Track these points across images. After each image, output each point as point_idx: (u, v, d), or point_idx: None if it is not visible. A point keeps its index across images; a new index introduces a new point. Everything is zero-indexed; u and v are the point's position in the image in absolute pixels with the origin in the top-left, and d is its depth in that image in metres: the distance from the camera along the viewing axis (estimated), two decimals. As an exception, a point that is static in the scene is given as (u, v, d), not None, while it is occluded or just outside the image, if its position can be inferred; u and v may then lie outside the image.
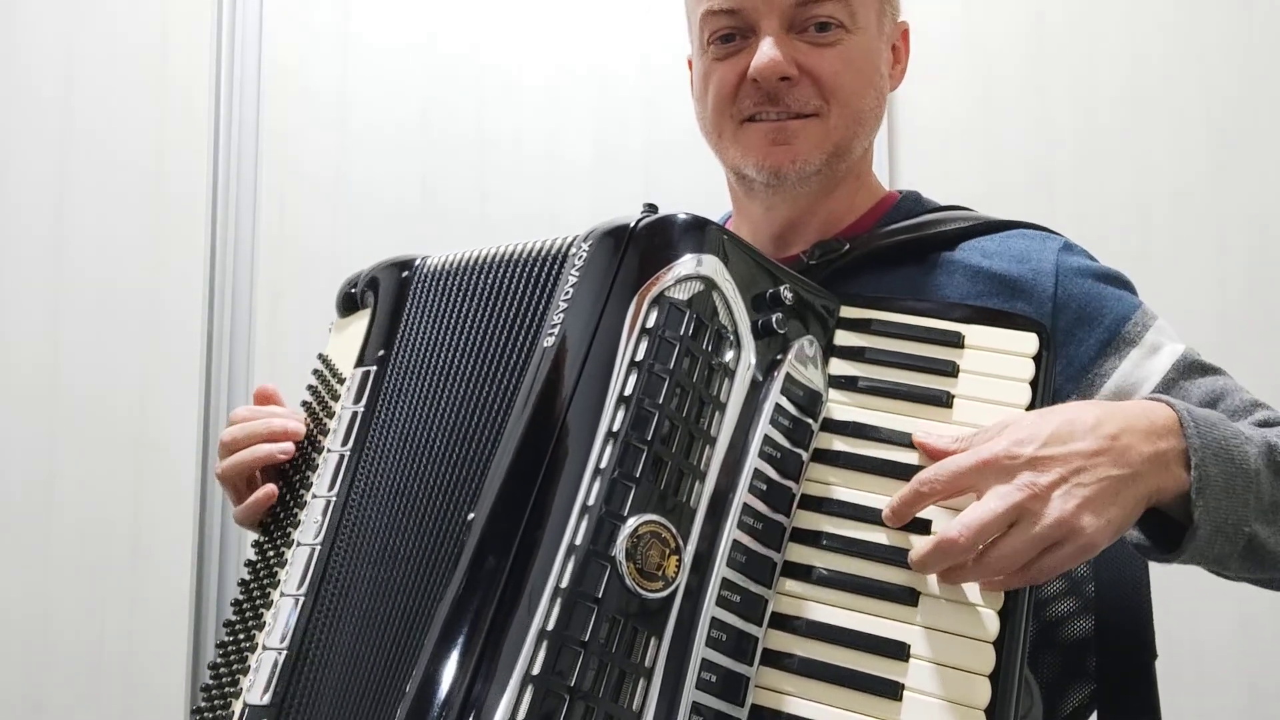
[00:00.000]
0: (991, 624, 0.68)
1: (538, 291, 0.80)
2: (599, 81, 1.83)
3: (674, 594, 0.66)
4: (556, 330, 0.76)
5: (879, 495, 0.74)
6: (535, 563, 0.65)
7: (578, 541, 0.65)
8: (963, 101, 1.73)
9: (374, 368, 0.87)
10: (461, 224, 1.81)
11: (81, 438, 1.81)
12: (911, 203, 1.01)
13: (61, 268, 1.84)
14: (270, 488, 0.87)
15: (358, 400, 0.86)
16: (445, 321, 0.85)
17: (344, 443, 0.85)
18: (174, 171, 1.85)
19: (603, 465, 0.68)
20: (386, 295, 0.91)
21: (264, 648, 0.78)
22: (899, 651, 0.68)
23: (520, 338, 0.79)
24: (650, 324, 0.72)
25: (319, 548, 0.80)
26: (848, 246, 0.93)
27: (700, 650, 0.66)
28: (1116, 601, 0.92)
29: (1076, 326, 0.88)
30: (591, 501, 0.67)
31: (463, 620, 0.66)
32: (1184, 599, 0.94)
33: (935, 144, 1.69)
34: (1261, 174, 1.66)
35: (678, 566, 0.67)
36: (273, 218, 1.85)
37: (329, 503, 0.82)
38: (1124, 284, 0.93)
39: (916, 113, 1.73)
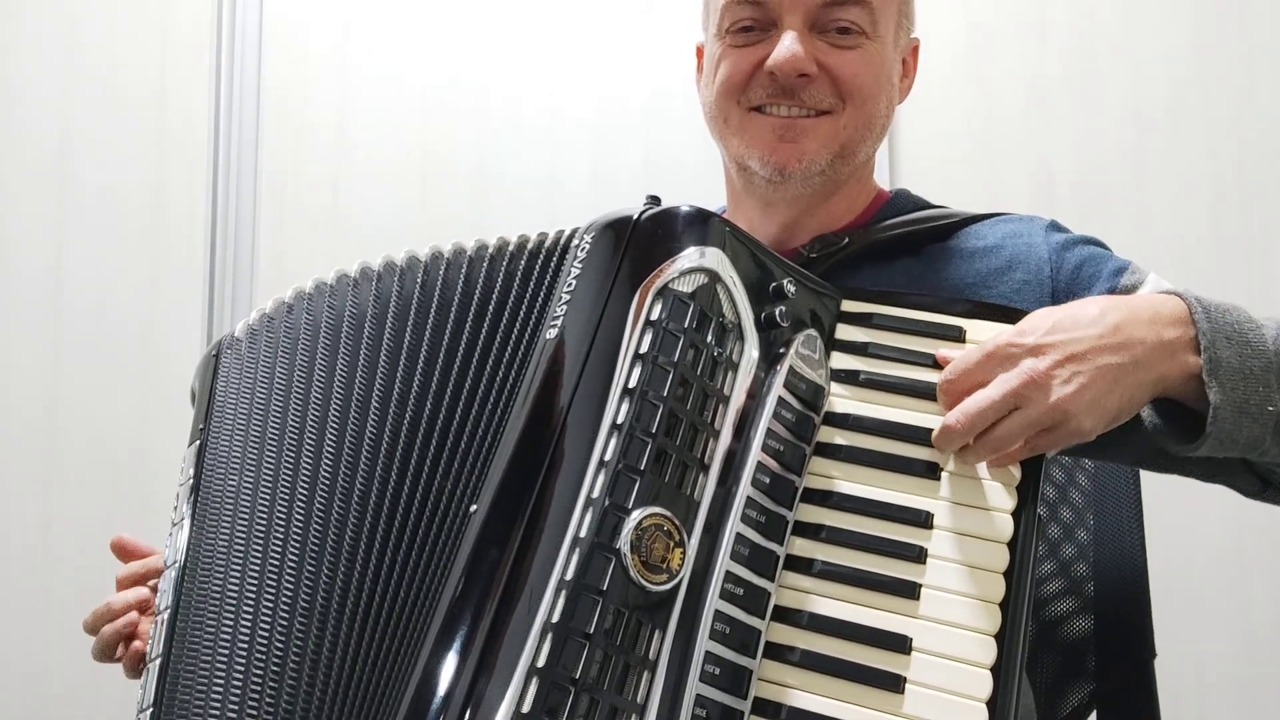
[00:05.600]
0: (993, 618, 0.69)
1: (532, 285, 0.79)
2: (598, 106, 1.83)
3: (678, 587, 0.66)
4: (559, 322, 0.75)
5: (881, 489, 0.75)
6: (539, 555, 0.65)
7: (582, 534, 0.65)
8: (963, 111, 1.73)
9: (197, 441, 0.84)
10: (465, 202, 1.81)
11: (81, 457, 1.80)
12: (903, 200, 1.03)
13: (61, 293, 1.83)
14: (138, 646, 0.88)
15: (185, 478, 0.84)
16: (276, 361, 0.83)
17: (185, 515, 0.81)
18: (173, 185, 1.84)
19: (607, 457, 0.67)
20: (201, 380, 0.90)
21: (139, 709, 0.75)
22: (901, 644, 0.68)
23: (515, 330, 0.77)
24: (654, 316, 0.72)
25: (169, 610, 0.77)
26: (847, 240, 0.94)
27: (704, 643, 0.66)
28: (1116, 601, 0.92)
29: (1075, 285, 0.90)
30: (596, 494, 0.66)
31: (464, 614, 0.65)
32: (1184, 598, 0.95)
33: (935, 158, 1.70)
34: (1262, 180, 1.67)
35: (682, 559, 0.67)
36: (273, 218, 1.84)
37: (177, 566, 0.79)
38: (1105, 247, 0.96)
39: (916, 126, 1.74)
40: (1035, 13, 1.75)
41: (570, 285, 0.77)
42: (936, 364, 0.79)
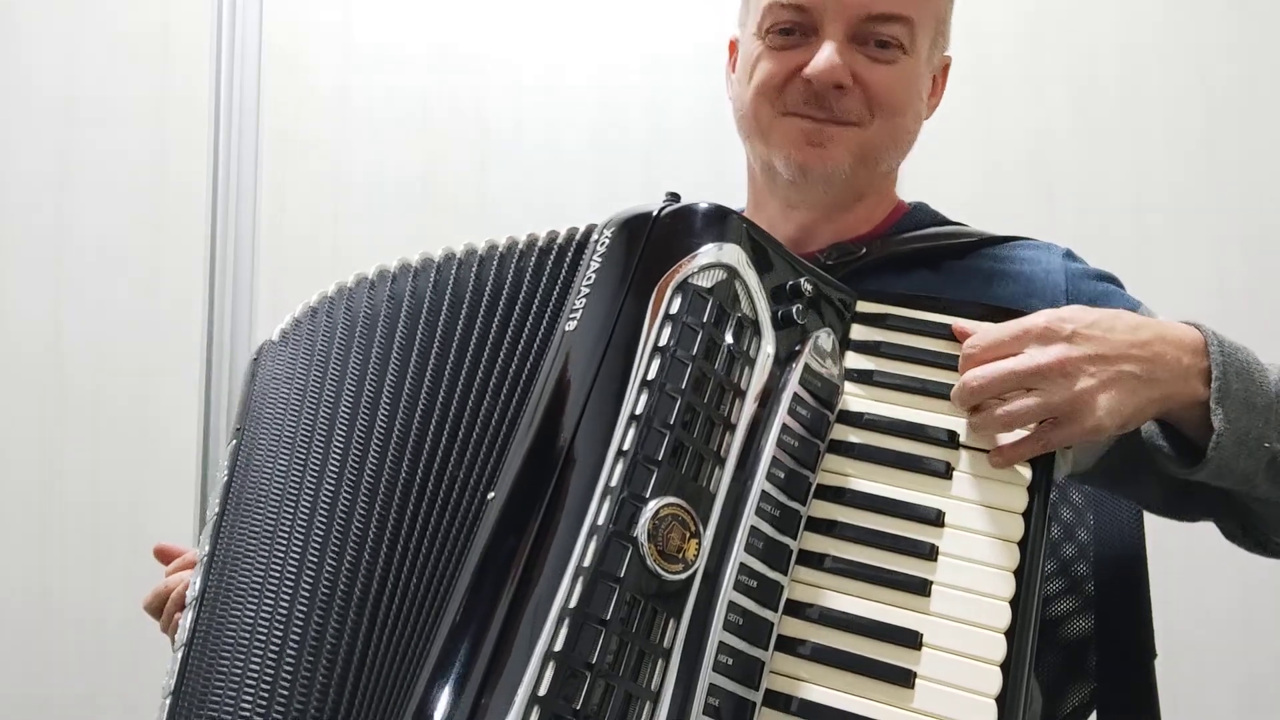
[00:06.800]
0: (1003, 616, 0.69)
1: (545, 280, 0.80)
2: (600, 74, 1.84)
3: (693, 576, 0.67)
4: (578, 315, 0.76)
5: (893, 487, 0.75)
6: (557, 541, 0.66)
7: (600, 522, 0.66)
8: (960, 103, 1.73)
9: (234, 441, 0.88)
10: (462, 219, 1.81)
11: (82, 438, 1.81)
12: (922, 214, 1.04)
13: (61, 277, 1.84)
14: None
15: (222, 475, 0.87)
16: (311, 357, 0.85)
17: (216, 509, 0.85)
18: (174, 168, 1.85)
19: (625, 447, 0.68)
20: (244, 385, 0.93)
21: (163, 694, 0.78)
22: (912, 640, 0.69)
23: (529, 323, 0.78)
24: (673, 310, 0.73)
25: (196, 598, 0.80)
26: (864, 250, 0.95)
27: (717, 633, 0.66)
28: (1116, 601, 0.93)
29: None
30: (614, 483, 0.67)
31: (481, 598, 0.66)
32: (1184, 598, 0.96)
33: (933, 150, 1.71)
34: (1258, 173, 1.68)
35: (697, 549, 0.68)
36: (274, 214, 1.85)
37: (205, 558, 0.82)
38: (1121, 285, 0.97)
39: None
40: (1035, 17, 1.75)
41: (589, 279, 0.78)
42: (951, 364, 0.80)
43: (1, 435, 1.82)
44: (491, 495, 0.71)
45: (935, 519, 0.73)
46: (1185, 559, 1.28)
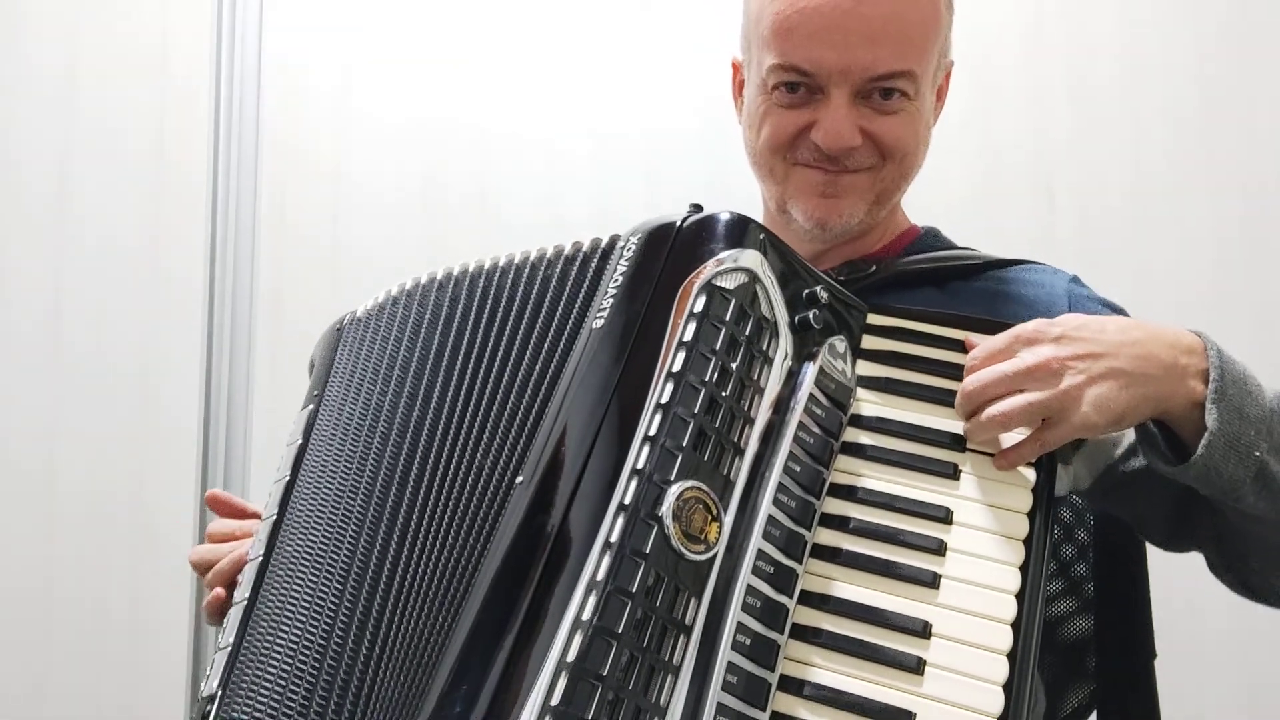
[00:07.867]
0: (1009, 608, 0.72)
1: (570, 284, 0.84)
2: (601, 77, 1.86)
3: (714, 558, 0.70)
4: (605, 313, 0.80)
5: (903, 486, 0.79)
6: (586, 518, 0.69)
7: (627, 501, 0.69)
8: (960, 103, 1.77)
9: (311, 406, 0.93)
10: (463, 218, 1.83)
11: (83, 437, 1.81)
12: (932, 238, 1.08)
13: (61, 278, 1.85)
14: (219, 592, 0.92)
15: (293, 439, 0.92)
16: (398, 340, 0.91)
17: (287, 473, 0.90)
18: (174, 169, 1.87)
19: (652, 432, 0.71)
20: (323, 351, 0.99)
21: (217, 648, 0.82)
22: (922, 629, 0.72)
23: (555, 323, 0.83)
24: (698, 309, 0.76)
25: (260, 559, 0.84)
26: (874, 268, 0.99)
27: (736, 614, 0.69)
28: (1116, 601, 0.95)
29: None
30: (640, 465, 0.70)
31: (512, 572, 0.69)
32: (1183, 598, 0.96)
33: (933, 150, 1.74)
34: (1257, 173, 1.69)
35: (718, 533, 0.70)
36: (274, 214, 1.86)
37: (271, 520, 0.87)
38: (1126, 314, 0.99)
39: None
40: (1035, 17, 1.77)
41: (616, 282, 0.82)
42: (957, 374, 0.83)
43: (2, 432, 1.80)
44: (520, 480, 0.74)
45: (944, 516, 0.76)
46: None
